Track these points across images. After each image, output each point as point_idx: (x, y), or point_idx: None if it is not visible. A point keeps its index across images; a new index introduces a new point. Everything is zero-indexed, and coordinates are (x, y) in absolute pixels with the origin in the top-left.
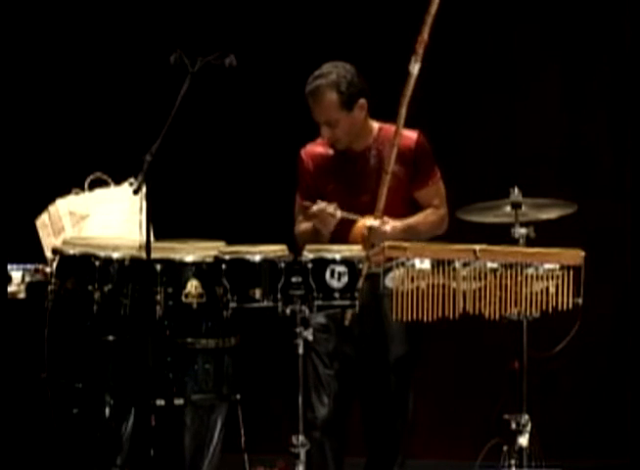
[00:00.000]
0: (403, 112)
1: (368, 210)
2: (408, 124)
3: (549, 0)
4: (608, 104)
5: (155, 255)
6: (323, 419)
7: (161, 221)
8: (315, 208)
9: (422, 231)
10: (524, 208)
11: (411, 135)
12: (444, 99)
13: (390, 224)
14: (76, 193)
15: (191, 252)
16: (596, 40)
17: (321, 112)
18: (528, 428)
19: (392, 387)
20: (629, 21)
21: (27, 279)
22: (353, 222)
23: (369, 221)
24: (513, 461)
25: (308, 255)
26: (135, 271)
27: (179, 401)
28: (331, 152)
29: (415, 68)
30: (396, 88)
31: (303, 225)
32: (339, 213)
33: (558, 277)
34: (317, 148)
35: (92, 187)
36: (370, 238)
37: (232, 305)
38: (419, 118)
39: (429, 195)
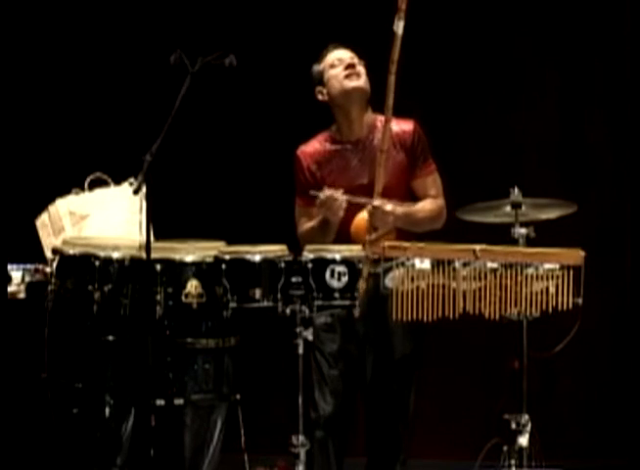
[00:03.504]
0: (392, 80)
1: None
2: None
3: (549, 0)
4: (608, 104)
5: (155, 255)
6: (327, 418)
7: (161, 221)
8: (322, 195)
9: (420, 218)
10: (524, 208)
11: (408, 122)
12: (444, 99)
13: (391, 205)
14: (76, 193)
15: (191, 252)
16: (596, 39)
17: (347, 52)
18: (528, 428)
19: (396, 386)
20: (629, 19)
21: (27, 279)
22: (354, 215)
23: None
24: (513, 461)
25: (308, 255)
26: (135, 271)
27: (179, 401)
28: (329, 147)
29: (400, 26)
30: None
31: (307, 225)
32: (344, 197)
33: (558, 277)
34: (313, 146)
35: (92, 187)
36: (372, 220)
37: (232, 305)
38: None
39: (425, 185)
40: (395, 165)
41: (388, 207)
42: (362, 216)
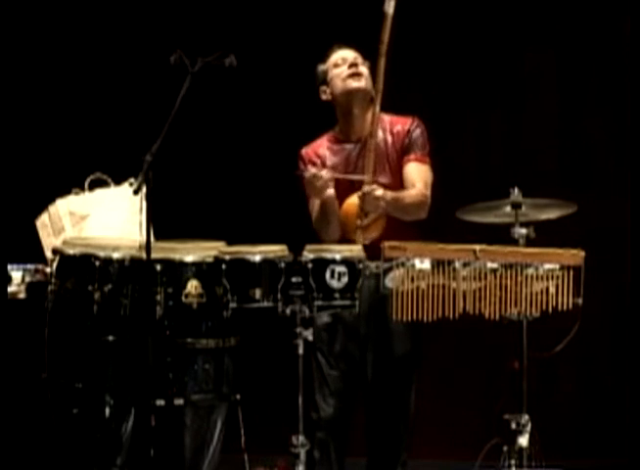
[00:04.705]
0: (382, 61)
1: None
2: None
3: (549, 1)
4: (608, 103)
5: (155, 255)
6: (328, 419)
7: (161, 221)
8: (307, 174)
9: (408, 204)
10: (524, 208)
11: (409, 118)
12: (444, 99)
13: (381, 189)
14: (76, 193)
15: (191, 252)
16: (595, 38)
17: (351, 52)
18: (528, 428)
19: (396, 386)
20: (628, 18)
21: (27, 279)
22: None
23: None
24: (513, 461)
25: (308, 255)
26: (135, 271)
27: (179, 401)
28: (331, 146)
29: (390, 6)
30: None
31: (314, 212)
32: (328, 175)
33: (558, 277)
34: (316, 144)
35: (92, 187)
36: (364, 205)
37: (232, 305)
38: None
39: (415, 172)
40: (396, 167)
41: (379, 191)
42: (351, 201)
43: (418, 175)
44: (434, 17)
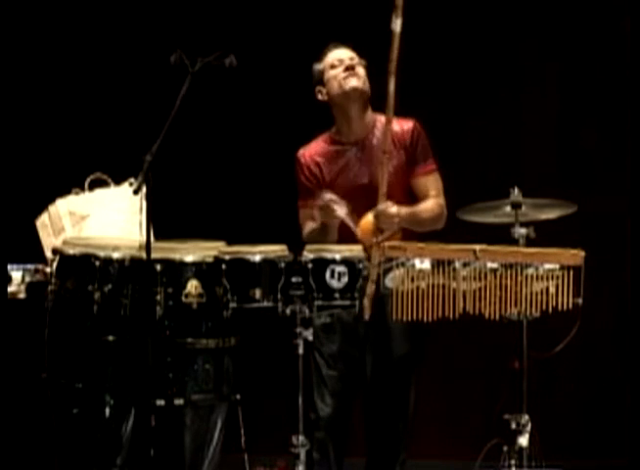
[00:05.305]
0: (392, 79)
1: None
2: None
3: (549, 2)
4: (608, 103)
5: (155, 255)
6: (326, 419)
7: (161, 221)
8: (322, 199)
9: (424, 218)
10: (524, 208)
11: (408, 121)
12: (445, 99)
13: (395, 206)
14: (76, 193)
15: (191, 252)
16: (595, 40)
17: (347, 51)
18: (528, 428)
19: (395, 386)
20: (628, 21)
21: (27, 279)
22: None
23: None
24: (513, 461)
25: (308, 255)
26: (135, 271)
27: (179, 401)
28: (329, 147)
29: (397, 24)
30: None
31: (309, 226)
32: (342, 210)
33: (558, 277)
34: (313, 147)
35: (92, 187)
36: (379, 223)
37: (232, 305)
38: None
39: (426, 184)
40: (395, 166)
41: (393, 209)
42: (366, 220)
43: (429, 186)
44: (436, 18)
